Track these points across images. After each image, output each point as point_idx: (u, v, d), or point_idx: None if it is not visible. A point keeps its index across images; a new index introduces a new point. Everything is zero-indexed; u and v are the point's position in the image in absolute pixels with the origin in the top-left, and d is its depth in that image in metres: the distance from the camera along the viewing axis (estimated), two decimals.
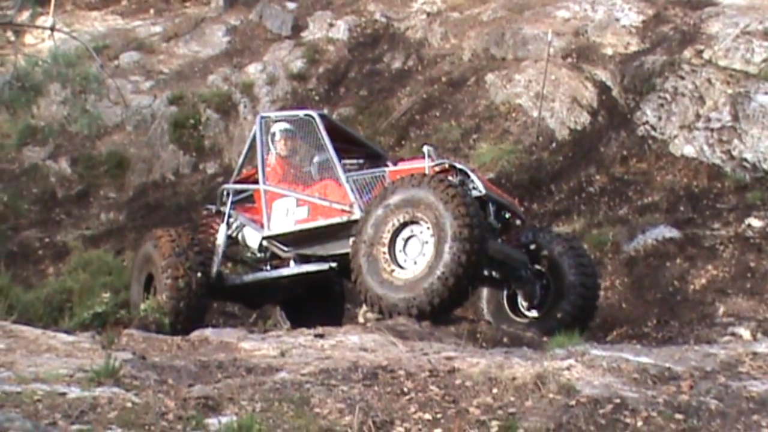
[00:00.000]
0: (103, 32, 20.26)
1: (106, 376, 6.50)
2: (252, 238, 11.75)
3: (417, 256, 9.87)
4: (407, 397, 6.59)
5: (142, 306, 10.35)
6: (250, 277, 11.80)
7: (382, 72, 18.16)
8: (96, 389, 6.24)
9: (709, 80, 15.63)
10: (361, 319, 10.48)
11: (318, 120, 11.45)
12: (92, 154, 16.80)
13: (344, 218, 10.73)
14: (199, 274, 11.17)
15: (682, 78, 15.80)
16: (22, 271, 14.22)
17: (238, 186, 12.04)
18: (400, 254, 9.97)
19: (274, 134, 11.78)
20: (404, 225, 9.98)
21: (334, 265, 10.94)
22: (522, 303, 11.04)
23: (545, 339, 9.37)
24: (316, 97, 17.79)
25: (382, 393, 6.65)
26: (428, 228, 9.77)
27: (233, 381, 6.83)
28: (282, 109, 16.95)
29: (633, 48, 16.89)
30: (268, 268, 11.73)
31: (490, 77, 16.98)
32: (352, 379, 6.90)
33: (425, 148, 10.67)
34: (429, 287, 9.54)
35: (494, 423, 6.15)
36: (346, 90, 17.92)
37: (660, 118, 15.41)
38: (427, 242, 9.79)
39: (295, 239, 11.30)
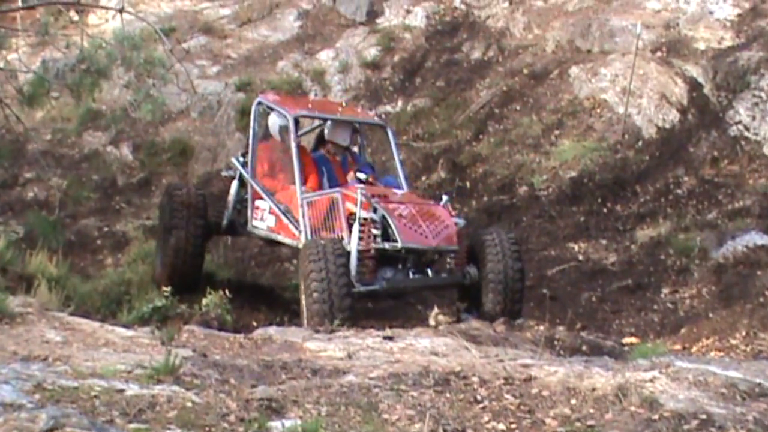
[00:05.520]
0: (169, 14, 20.19)
1: (165, 373, 6.50)
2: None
3: None
4: (480, 405, 6.49)
5: (204, 301, 10.39)
6: (255, 232, 12.83)
7: (461, 62, 17.96)
8: (155, 387, 6.26)
9: None
10: (431, 322, 10.58)
11: (291, 123, 12.21)
12: (155, 140, 16.80)
13: (294, 243, 11.86)
14: (196, 214, 12.82)
15: None
16: (79, 261, 14.31)
17: (235, 164, 13.08)
18: None
19: (266, 123, 12.72)
20: None
21: None
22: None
23: (627, 348, 9.31)
24: (390, 87, 17.63)
25: (454, 400, 6.57)
26: None
27: (298, 383, 6.81)
28: (354, 99, 16.86)
29: (727, 43, 16.55)
30: None
31: (574, 70, 16.78)
32: (422, 384, 6.83)
33: (359, 174, 11.85)
34: None
35: None
36: (422, 80, 17.74)
37: (754, 118, 15.12)
38: None
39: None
